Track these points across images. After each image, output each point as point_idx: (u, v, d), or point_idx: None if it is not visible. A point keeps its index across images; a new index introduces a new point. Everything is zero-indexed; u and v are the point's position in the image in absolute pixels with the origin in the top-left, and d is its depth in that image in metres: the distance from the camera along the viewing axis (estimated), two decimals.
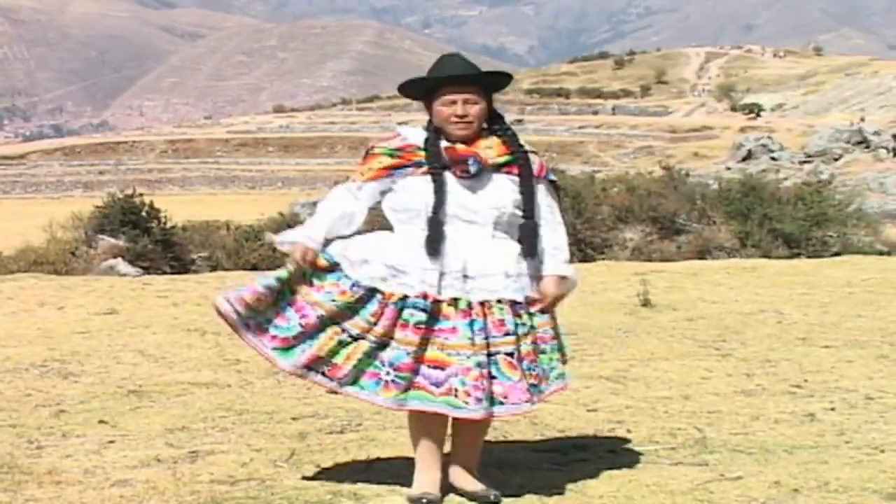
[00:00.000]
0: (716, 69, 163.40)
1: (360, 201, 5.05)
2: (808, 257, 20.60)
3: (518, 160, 5.05)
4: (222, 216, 32.16)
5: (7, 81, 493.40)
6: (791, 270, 15.65)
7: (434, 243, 4.85)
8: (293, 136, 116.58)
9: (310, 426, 6.55)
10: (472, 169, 4.92)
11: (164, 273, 21.91)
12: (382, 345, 4.86)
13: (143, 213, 26.68)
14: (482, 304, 4.86)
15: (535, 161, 5.13)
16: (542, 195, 5.12)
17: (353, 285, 4.92)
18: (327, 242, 5.03)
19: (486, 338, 4.82)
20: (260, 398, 7.38)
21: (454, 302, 4.84)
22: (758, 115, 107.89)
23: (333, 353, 4.91)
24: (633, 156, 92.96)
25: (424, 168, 4.96)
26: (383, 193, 5.04)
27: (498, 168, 5.01)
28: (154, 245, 25.38)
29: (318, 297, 4.95)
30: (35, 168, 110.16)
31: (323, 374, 4.96)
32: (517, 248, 4.99)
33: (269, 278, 5.03)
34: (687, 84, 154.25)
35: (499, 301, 4.88)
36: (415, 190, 4.94)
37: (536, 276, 5.03)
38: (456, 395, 4.77)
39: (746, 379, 7.89)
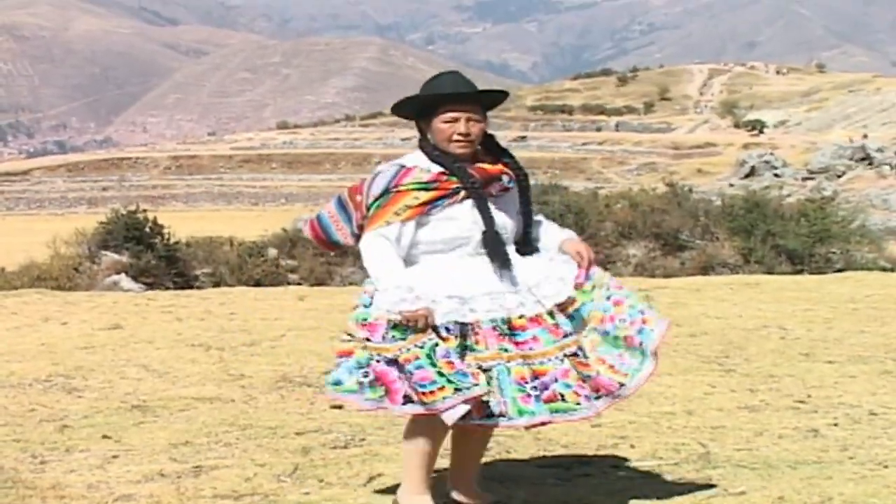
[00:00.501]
0: (719, 86, 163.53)
1: (402, 242, 4.81)
2: (812, 273, 20.59)
3: (517, 174, 5.05)
4: (226, 232, 32.14)
5: (11, 97, 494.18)
6: (794, 286, 15.62)
7: (502, 266, 4.81)
8: (297, 153, 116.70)
9: (313, 441, 6.55)
10: (510, 186, 4.93)
11: (168, 289, 21.94)
12: (508, 369, 4.72)
13: (147, 230, 26.75)
14: (547, 312, 4.84)
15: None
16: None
17: (447, 329, 4.73)
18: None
19: (555, 343, 4.81)
20: (264, 413, 7.38)
21: (524, 315, 4.81)
22: (761, 131, 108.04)
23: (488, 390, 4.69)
24: (637, 172, 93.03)
25: (462, 194, 4.83)
26: (417, 228, 4.85)
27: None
28: (157, 261, 25.45)
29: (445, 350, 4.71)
30: (39, 184, 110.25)
31: (499, 415, 4.72)
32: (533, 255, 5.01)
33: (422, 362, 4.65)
34: (690, 101, 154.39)
35: (558, 305, 4.88)
36: (460, 218, 4.82)
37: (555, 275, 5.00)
38: (564, 399, 4.73)
39: (750, 394, 7.88)
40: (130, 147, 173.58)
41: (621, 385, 4.83)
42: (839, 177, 62.48)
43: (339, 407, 7.04)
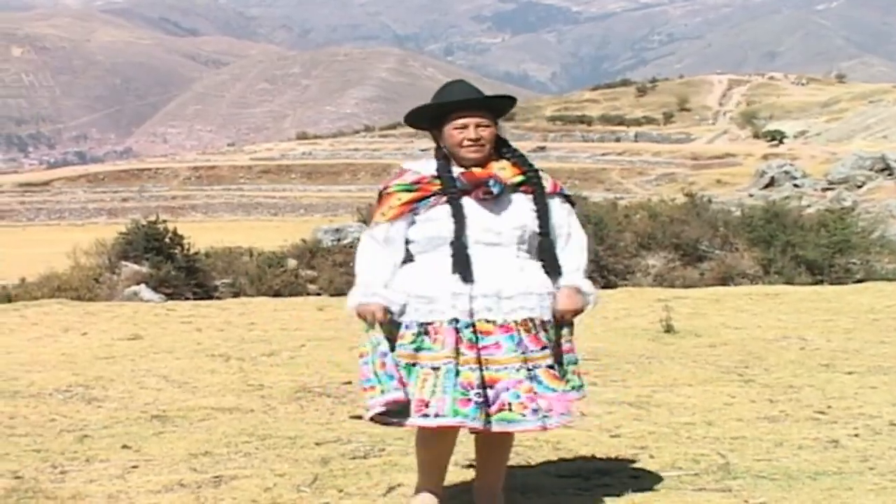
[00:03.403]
0: (738, 96, 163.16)
1: (393, 242, 5.02)
2: (831, 284, 20.51)
3: (531, 179, 5.09)
4: (245, 243, 32.17)
5: (32, 108, 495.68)
6: (814, 297, 15.60)
7: (463, 268, 4.86)
8: (316, 163, 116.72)
9: (333, 451, 6.55)
10: (495, 190, 4.95)
11: (188, 299, 21.97)
12: (457, 371, 4.81)
13: (167, 240, 26.78)
14: (516, 322, 4.88)
15: (548, 179, 5.18)
16: (557, 211, 5.15)
17: (406, 326, 4.91)
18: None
19: (525, 353, 4.84)
20: (283, 423, 7.39)
21: (491, 320, 4.86)
22: (780, 142, 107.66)
23: (432, 391, 4.80)
24: (656, 183, 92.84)
25: (446, 197, 4.97)
26: (408, 228, 5.04)
27: (515, 188, 5.05)
28: (177, 271, 25.48)
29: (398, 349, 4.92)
30: (59, 195, 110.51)
31: (433, 415, 4.81)
32: (540, 266, 5.03)
33: (368, 359, 4.93)
34: (710, 111, 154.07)
35: (531, 319, 4.90)
36: (439, 219, 4.95)
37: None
38: (510, 409, 4.78)
39: (770, 405, 7.87)
40: (150, 158, 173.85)
41: (569, 414, 4.95)
42: (859, 187, 62.17)
43: (359, 417, 7.05)
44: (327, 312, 14.27)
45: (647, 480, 5.88)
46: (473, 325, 4.84)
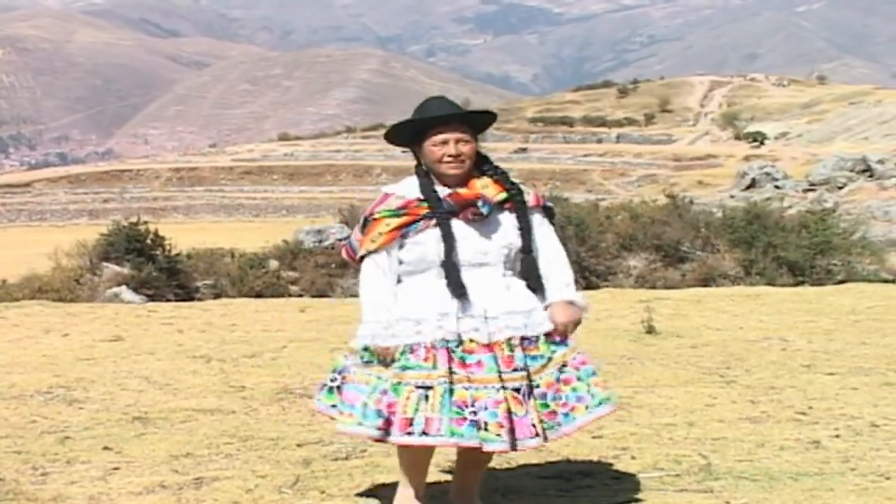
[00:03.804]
0: (720, 98, 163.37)
1: (391, 267, 5.02)
2: (813, 285, 20.57)
3: (514, 196, 5.09)
4: (227, 244, 32.12)
5: (13, 109, 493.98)
6: (795, 298, 15.63)
7: (458, 291, 4.87)
8: (298, 164, 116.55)
9: (314, 452, 6.55)
10: (485, 210, 4.95)
11: (169, 300, 21.93)
12: (451, 390, 4.80)
13: (148, 241, 26.76)
14: (499, 342, 4.89)
15: (530, 193, 5.17)
16: (539, 227, 5.15)
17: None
18: None
19: (500, 373, 4.84)
20: (265, 424, 7.38)
21: (476, 340, 4.86)
22: (762, 143, 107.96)
23: (415, 409, 4.80)
24: (638, 184, 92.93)
25: (434, 220, 4.95)
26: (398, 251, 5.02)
27: (500, 206, 5.05)
28: (158, 273, 25.46)
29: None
30: (40, 196, 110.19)
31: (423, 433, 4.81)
32: (524, 283, 5.04)
33: (364, 388, 4.98)
34: (691, 112, 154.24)
35: (511, 339, 4.91)
36: (427, 242, 4.94)
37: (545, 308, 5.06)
38: (486, 429, 4.77)
39: (751, 406, 7.88)
40: (132, 159, 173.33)
41: (536, 435, 4.88)
42: (840, 188, 62.43)
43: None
44: (309, 314, 14.25)
45: (628, 481, 5.89)
46: (462, 344, 4.85)
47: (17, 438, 7.05)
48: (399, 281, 5.03)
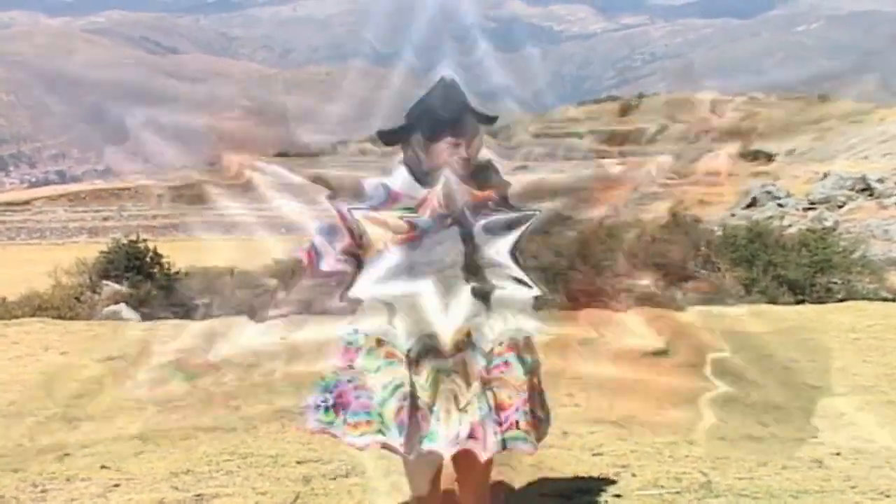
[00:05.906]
0: (722, 115, 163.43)
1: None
2: (813, 303, 20.54)
3: (503, 198, 4.97)
4: (225, 262, 32.08)
5: (12, 127, 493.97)
6: (796, 316, 15.61)
7: (478, 293, 4.75)
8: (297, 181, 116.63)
9: (314, 470, 6.53)
10: (497, 208, 4.85)
11: (167, 319, 21.91)
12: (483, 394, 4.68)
13: (147, 259, 26.74)
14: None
15: (513, 196, 5.05)
16: (521, 230, 4.95)
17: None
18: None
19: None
20: (264, 442, 7.36)
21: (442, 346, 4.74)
22: (767, 160, 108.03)
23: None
24: (640, 201, 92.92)
25: (449, 220, 4.77)
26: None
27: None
28: (157, 291, 25.42)
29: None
30: (40, 214, 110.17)
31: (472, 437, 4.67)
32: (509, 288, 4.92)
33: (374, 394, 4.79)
34: (694, 130, 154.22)
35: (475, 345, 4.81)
36: (446, 243, 4.78)
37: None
38: (518, 428, 4.68)
39: (753, 425, 7.86)
40: (131, 176, 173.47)
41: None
42: (840, 207, 62.42)
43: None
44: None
45: (629, 499, 5.88)
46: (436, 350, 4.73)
47: (16, 456, 7.03)
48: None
